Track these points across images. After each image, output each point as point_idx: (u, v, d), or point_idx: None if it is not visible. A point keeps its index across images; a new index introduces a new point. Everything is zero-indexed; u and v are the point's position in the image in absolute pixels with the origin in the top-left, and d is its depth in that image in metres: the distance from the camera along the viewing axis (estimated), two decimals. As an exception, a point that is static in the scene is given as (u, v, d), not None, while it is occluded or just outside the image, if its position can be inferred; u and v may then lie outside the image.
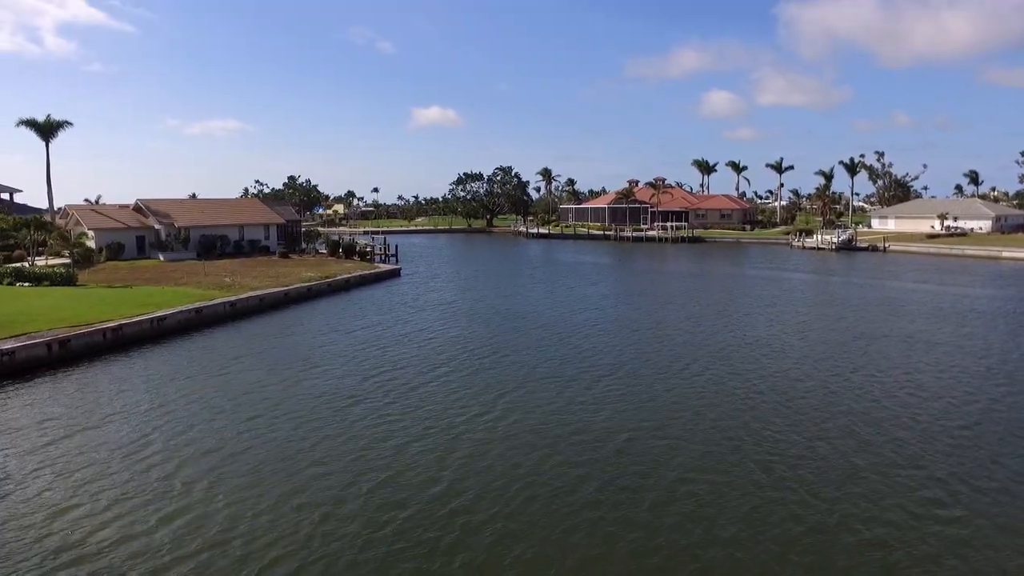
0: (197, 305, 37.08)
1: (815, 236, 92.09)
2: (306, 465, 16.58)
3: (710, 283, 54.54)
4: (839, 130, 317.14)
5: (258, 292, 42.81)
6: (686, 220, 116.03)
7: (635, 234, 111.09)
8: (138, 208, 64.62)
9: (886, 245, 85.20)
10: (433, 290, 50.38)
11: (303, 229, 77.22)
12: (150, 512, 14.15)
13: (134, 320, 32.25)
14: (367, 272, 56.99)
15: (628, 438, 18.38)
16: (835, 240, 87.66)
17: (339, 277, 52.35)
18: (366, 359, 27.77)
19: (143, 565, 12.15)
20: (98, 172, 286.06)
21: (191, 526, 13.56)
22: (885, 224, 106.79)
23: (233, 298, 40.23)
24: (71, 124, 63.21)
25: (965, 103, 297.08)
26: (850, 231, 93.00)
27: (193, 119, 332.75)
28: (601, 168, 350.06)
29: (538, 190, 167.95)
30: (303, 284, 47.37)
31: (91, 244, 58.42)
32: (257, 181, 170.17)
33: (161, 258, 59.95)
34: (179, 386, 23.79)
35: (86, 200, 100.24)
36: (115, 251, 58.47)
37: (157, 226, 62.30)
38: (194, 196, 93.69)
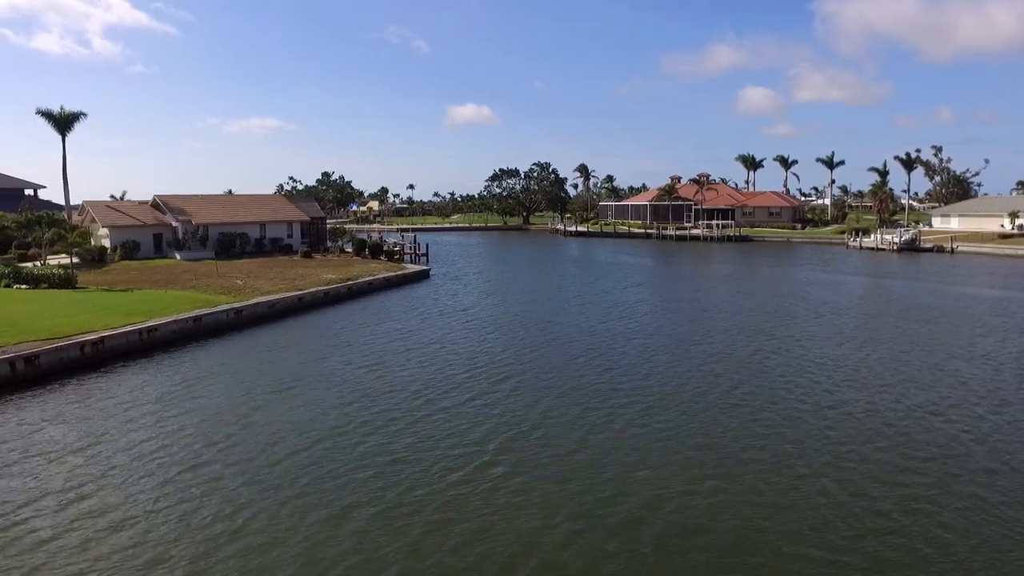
0: (196, 313, 34.01)
1: (874, 236, 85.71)
2: (224, 540, 12.81)
3: (762, 287, 49.61)
4: (880, 126, 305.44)
5: (268, 297, 39.67)
6: (732, 218, 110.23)
7: (678, 232, 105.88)
8: (156, 204, 62.38)
9: (954, 246, 78.58)
10: (455, 294, 46.63)
11: (329, 227, 74.36)
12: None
13: (120, 331, 29.23)
14: (392, 274, 53.50)
15: (655, 496, 14.25)
16: (896, 240, 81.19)
17: (361, 279, 48.99)
18: (355, 381, 24.06)
19: None
20: (136, 170, 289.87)
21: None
22: (948, 223, 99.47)
23: (239, 304, 37.13)
24: (86, 116, 61.19)
25: (1012, 97, 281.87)
26: (913, 230, 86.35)
27: (232, 117, 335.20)
28: (635, 165, 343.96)
29: (575, 187, 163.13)
30: (320, 288, 44.11)
31: (105, 242, 56.30)
32: (291, 178, 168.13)
33: (178, 257, 57.53)
34: (127, 417, 20.31)
35: (111, 196, 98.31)
36: (130, 250, 56.17)
37: (174, 223, 59.92)
38: (230, 193, 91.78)
